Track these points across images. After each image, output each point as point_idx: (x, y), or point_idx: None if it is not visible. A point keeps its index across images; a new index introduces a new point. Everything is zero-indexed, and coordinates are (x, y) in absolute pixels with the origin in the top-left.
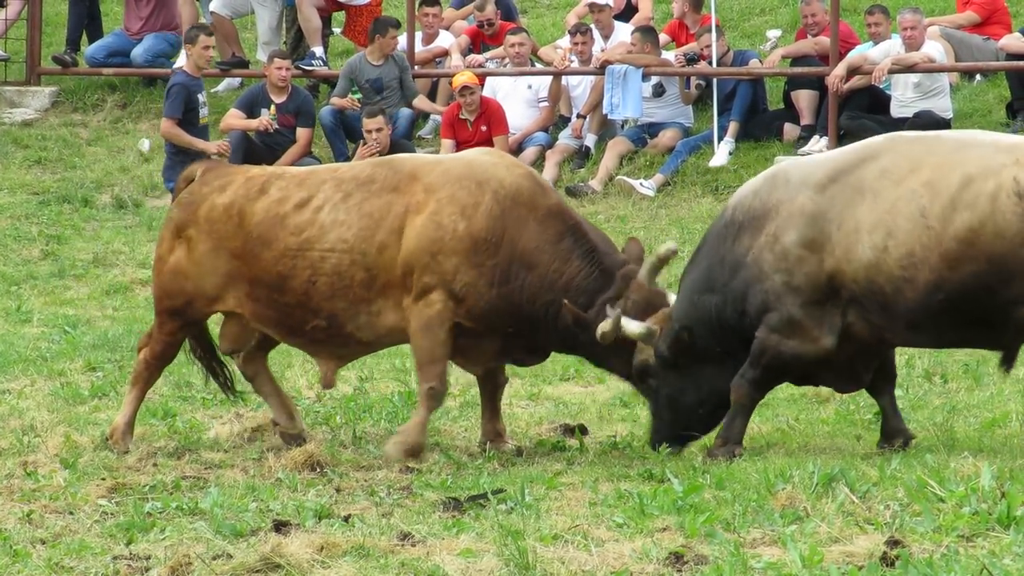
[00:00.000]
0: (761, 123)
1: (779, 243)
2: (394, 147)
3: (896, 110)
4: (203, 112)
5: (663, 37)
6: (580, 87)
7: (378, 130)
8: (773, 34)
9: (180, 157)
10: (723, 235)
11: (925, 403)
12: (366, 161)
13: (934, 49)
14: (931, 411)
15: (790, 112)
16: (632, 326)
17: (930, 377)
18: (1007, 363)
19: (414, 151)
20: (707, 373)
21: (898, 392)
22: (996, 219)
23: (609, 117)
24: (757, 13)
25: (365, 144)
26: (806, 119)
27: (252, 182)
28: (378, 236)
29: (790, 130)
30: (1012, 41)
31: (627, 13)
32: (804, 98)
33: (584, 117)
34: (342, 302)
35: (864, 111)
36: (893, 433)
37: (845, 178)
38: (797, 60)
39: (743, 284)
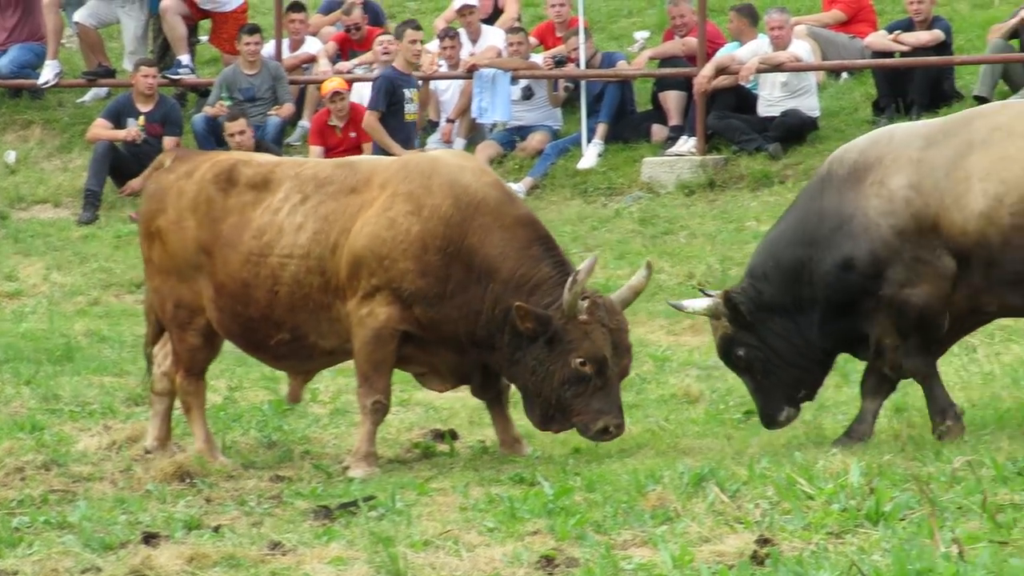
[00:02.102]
0: (629, 125)
1: (885, 187)
2: (258, 148)
3: (763, 109)
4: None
5: (531, 40)
6: (449, 91)
7: (240, 133)
8: (641, 36)
9: None
10: (819, 190)
11: None
12: (328, 161)
13: (801, 48)
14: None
15: (658, 113)
16: (696, 304)
17: None
18: None
19: (280, 154)
20: (786, 326)
21: None
22: None
23: (478, 121)
24: (624, 15)
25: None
26: (674, 120)
27: (219, 167)
28: (332, 237)
29: (658, 131)
30: (878, 39)
31: (494, 16)
32: (672, 99)
33: (453, 121)
34: (303, 312)
35: (731, 111)
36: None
37: (954, 133)
38: (665, 61)
39: (848, 237)
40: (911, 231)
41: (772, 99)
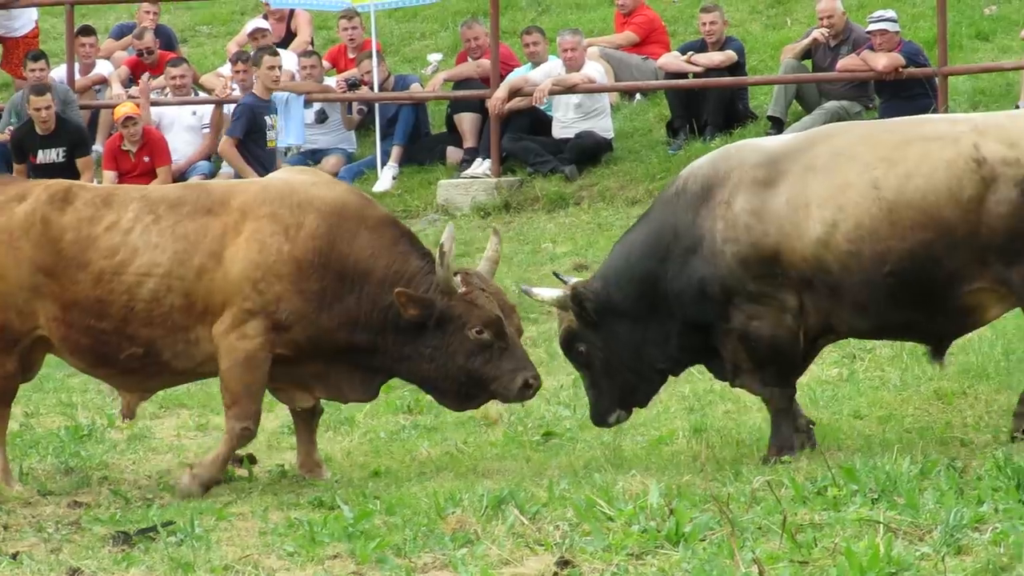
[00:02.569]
0: (424, 147)
1: (730, 210)
2: (62, 124)
3: (558, 131)
4: None
5: (324, 63)
6: None
7: (46, 108)
8: (434, 58)
9: None
10: (674, 203)
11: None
12: (175, 185)
13: (594, 70)
14: (599, 430)
15: (453, 135)
16: (546, 293)
17: None
18: (938, 354)
19: (84, 127)
20: (633, 332)
21: (566, 412)
22: (951, 185)
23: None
24: (418, 38)
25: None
26: (469, 142)
27: (52, 188)
28: (195, 260)
29: (453, 153)
30: (670, 60)
31: (287, 40)
32: (467, 121)
33: None
34: (160, 329)
35: (526, 132)
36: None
37: (798, 155)
38: (460, 83)
39: (699, 260)
40: (753, 260)
41: (566, 121)
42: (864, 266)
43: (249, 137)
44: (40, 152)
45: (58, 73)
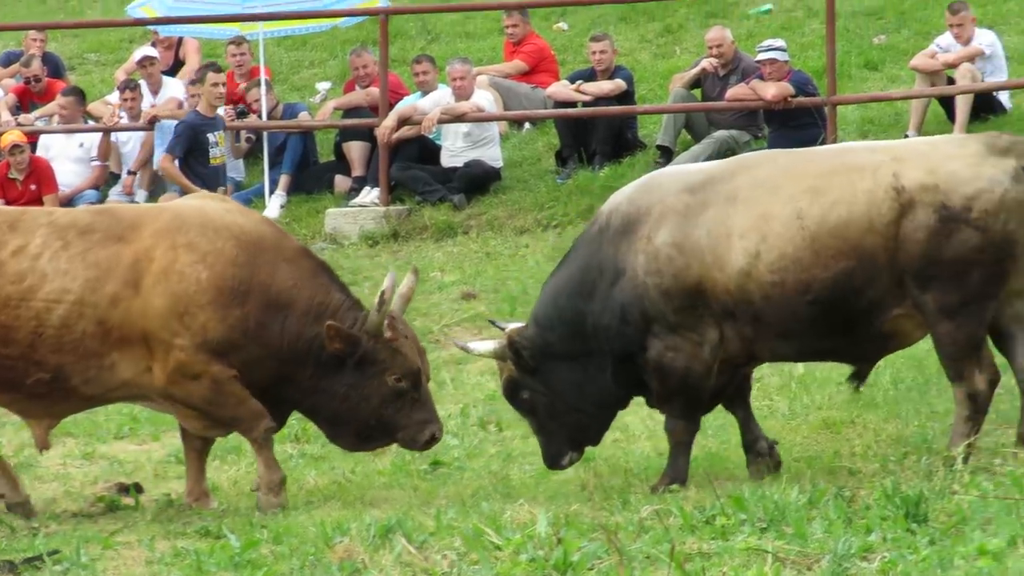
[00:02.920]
0: (312, 176)
1: (651, 243)
2: None
3: (446, 160)
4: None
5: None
6: (130, 143)
7: None
8: (323, 86)
9: None
10: (597, 240)
11: (481, 451)
12: (83, 209)
13: (483, 98)
14: (487, 459)
15: (342, 164)
16: (481, 346)
17: (485, 426)
18: (859, 378)
19: None
20: (573, 372)
21: (454, 442)
22: (872, 213)
23: (160, 173)
24: (306, 66)
25: None
26: (357, 170)
27: None
28: (108, 288)
29: (341, 182)
30: (560, 89)
31: (175, 68)
32: (355, 149)
33: (135, 173)
34: (71, 356)
35: (415, 161)
36: (754, 439)
37: (719, 186)
38: (349, 112)
39: (621, 292)
40: (675, 292)
41: (455, 149)
42: (788, 295)
43: (191, 155)
44: None
45: None
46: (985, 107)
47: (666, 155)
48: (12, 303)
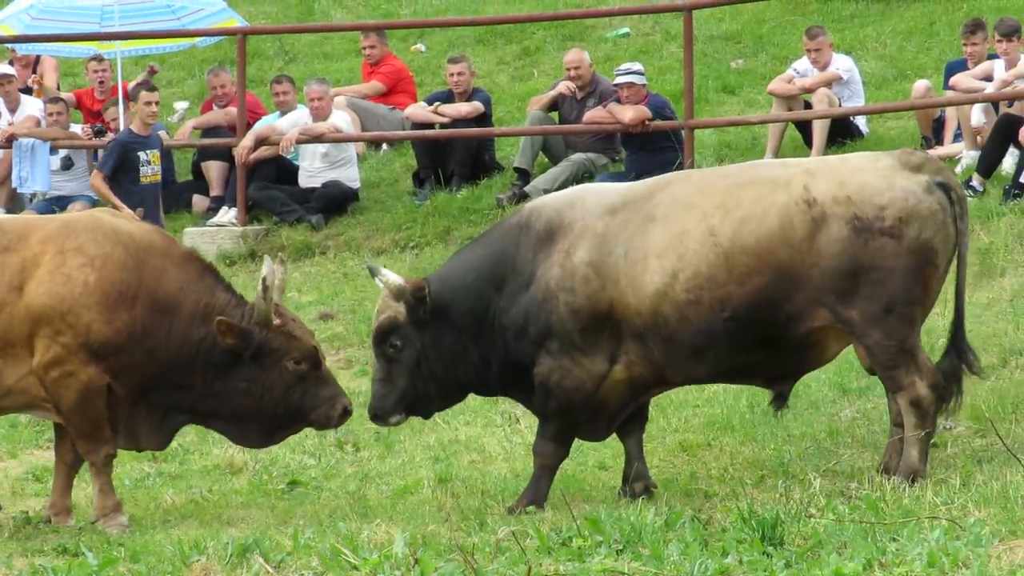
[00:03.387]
0: (170, 195)
1: (569, 259)
2: None
3: (304, 180)
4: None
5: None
6: None
7: None
8: (181, 105)
9: None
10: (516, 237)
11: (338, 471)
12: None
13: (341, 119)
14: (344, 479)
15: (199, 183)
16: (390, 276)
17: (342, 446)
18: (780, 401)
19: None
20: (454, 343)
21: (311, 461)
22: (784, 227)
23: (18, 191)
24: (164, 85)
25: None
26: (216, 190)
27: None
28: None
29: (199, 201)
30: (417, 110)
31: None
32: (214, 169)
33: None
34: None
35: (273, 181)
36: (637, 477)
37: (639, 205)
38: (208, 131)
39: (529, 300)
40: (584, 312)
41: (313, 170)
42: (703, 313)
43: (121, 172)
44: None
45: None
46: (842, 132)
47: (523, 177)
48: None
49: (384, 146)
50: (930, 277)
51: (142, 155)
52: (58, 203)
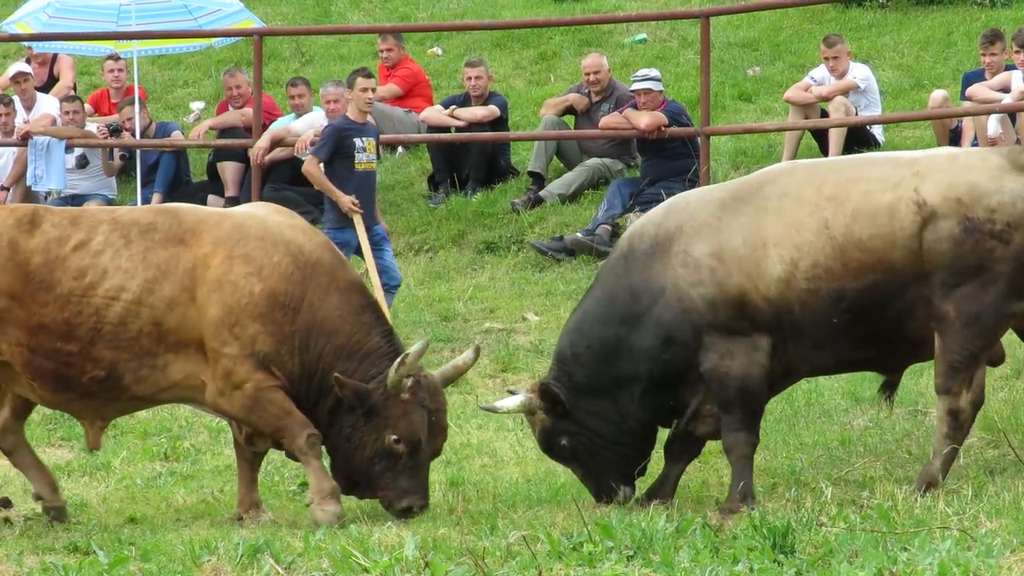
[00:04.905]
0: (185, 195)
1: (690, 256)
2: None
3: None
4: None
5: (87, 108)
6: (3, 159)
7: None
8: (197, 106)
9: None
10: (623, 267)
11: None
12: (146, 208)
13: None
14: None
15: (215, 184)
16: (508, 403)
17: None
18: (890, 388)
19: None
20: (603, 405)
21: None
22: (895, 226)
23: (33, 189)
24: (180, 85)
25: None
26: (230, 191)
27: (18, 211)
28: (166, 290)
29: (214, 201)
30: (433, 114)
31: (49, 84)
32: (229, 170)
33: (8, 189)
34: (126, 353)
35: (287, 183)
36: (656, 495)
37: (748, 198)
38: (224, 131)
39: (665, 310)
40: (720, 301)
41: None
42: (822, 304)
43: (337, 160)
44: None
45: None
46: (858, 140)
47: (538, 182)
48: (74, 299)
49: (399, 149)
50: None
51: (357, 142)
52: (73, 201)
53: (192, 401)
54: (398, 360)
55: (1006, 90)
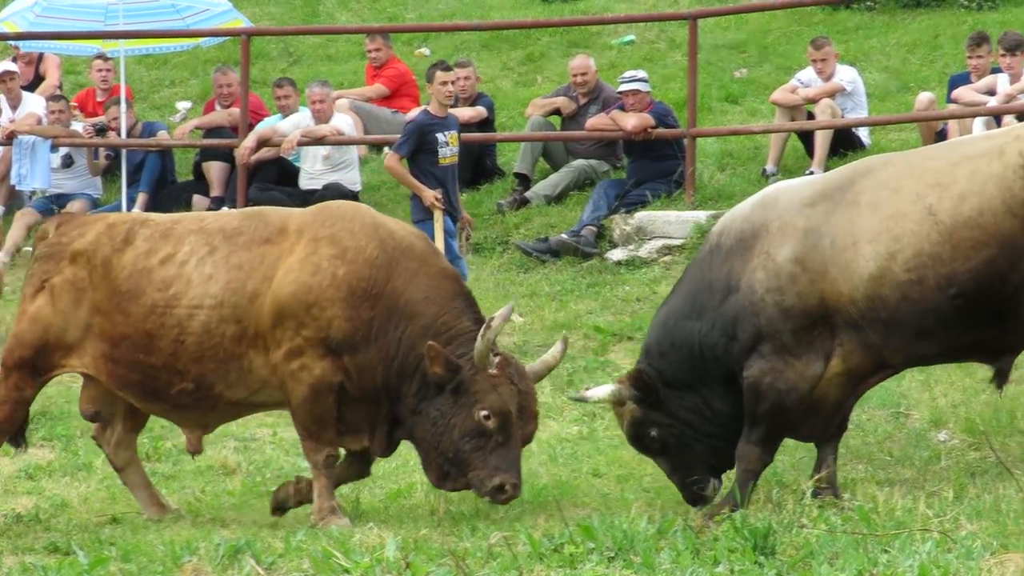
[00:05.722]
0: (170, 195)
1: (772, 260)
2: None
3: (305, 182)
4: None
5: (73, 107)
6: None
7: None
8: (183, 105)
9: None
10: (708, 261)
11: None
12: (233, 212)
13: (343, 122)
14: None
15: (200, 183)
16: (600, 392)
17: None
18: (1001, 377)
19: None
20: (693, 399)
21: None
22: (1005, 196)
23: (17, 188)
24: (167, 85)
25: None
26: (216, 191)
27: (115, 229)
28: (249, 286)
29: (199, 201)
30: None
31: (35, 83)
32: (215, 169)
33: None
34: (212, 362)
35: (273, 183)
36: (827, 482)
37: (839, 195)
38: (210, 131)
39: (734, 307)
40: (797, 311)
41: (314, 172)
42: (928, 293)
43: (421, 155)
44: None
45: None
46: (845, 143)
47: (524, 183)
48: (158, 310)
49: (386, 149)
50: None
51: (440, 136)
52: (57, 201)
53: (283, 405)
54: (483, 327)
55: (992, 93)
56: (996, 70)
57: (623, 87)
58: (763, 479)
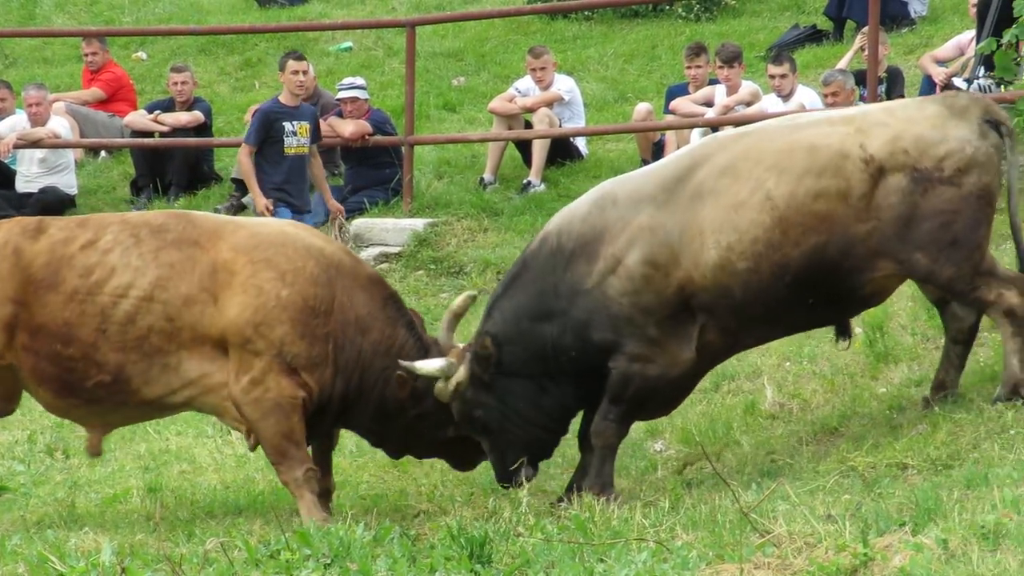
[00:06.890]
0: None
1: (622, 265)
2: None
3: (21, 185)
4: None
5: None
6: None
7: None
8: None
9: None
10: (551, 264)
11: (47, 478)
12: (157, 211)
13: (59, 125)
14: (53, 486)
15: None
16: (428, 364)
17: (52, 452)
18: (843, 334)
19: None
20: (529, 388)
21: (20, 468)
22: (841, 185)
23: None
24: None
25: None
26: None
27: (23, 222)
28: (182, 288)
29: None
30: (137, 118)
31: None
32: None
33: None
34: (134, 354)
35: None
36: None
37: (680, 187)
38: None
39: (584, 312)
40: (656, 306)
41: (30, 175)
42: (765, 280)
43: (266, 145)
44: None
45: None
46: (562, 152)
47: (241, 188)
48: (78, 297)
49: (102, 153)
50: (990, 216)
51: (287, 125)
52: None
53: (206, 405)
54: (436, 367)
55: (709, 104)
56: (714, 81)
57: (341, 94)
58: (479, 487)
